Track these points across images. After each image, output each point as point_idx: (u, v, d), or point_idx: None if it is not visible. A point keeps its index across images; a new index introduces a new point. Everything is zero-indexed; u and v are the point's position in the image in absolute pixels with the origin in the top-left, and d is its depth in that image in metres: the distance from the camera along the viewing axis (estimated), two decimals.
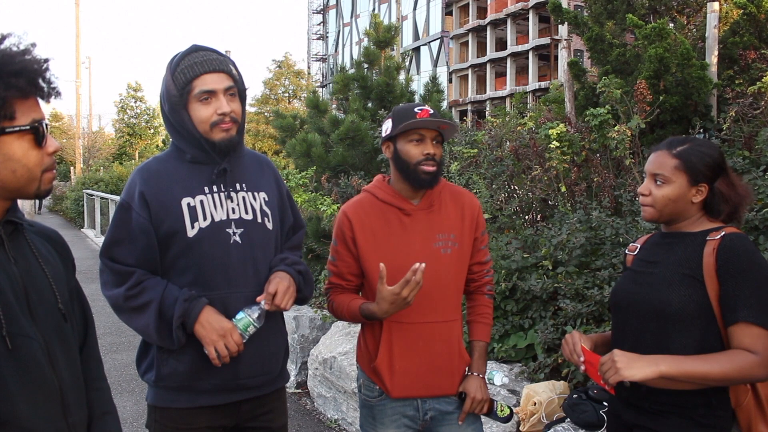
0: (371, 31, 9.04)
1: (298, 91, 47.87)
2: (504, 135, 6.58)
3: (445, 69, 51.85)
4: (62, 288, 1.54)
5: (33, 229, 1.59)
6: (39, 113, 1.44)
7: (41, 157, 1.45)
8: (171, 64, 2.08)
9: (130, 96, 45.20)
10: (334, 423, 4.85)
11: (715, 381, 1.77)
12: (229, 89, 2.07)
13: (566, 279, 4.18)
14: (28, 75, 1.39)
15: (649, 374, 1.74)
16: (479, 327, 2.41)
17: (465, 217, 2.34)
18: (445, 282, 2.27)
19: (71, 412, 1.49)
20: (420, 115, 2.19)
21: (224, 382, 2.09)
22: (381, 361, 2.26)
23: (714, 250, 1.83)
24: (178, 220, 2.04)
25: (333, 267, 2.35)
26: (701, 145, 1.95)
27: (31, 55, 1.42)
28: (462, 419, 2.30)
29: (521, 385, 4.00)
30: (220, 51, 2.13)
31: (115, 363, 6.36)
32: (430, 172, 2.22)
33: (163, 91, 2.10)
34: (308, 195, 7.77)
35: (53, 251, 1.60)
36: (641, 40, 6.02)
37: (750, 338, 1.75)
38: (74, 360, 1.54)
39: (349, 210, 2.32)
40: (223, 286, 2.07)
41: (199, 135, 2.06)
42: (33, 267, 1.48)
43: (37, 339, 1.41)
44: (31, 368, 1.39)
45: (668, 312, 1.86)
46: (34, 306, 1.43)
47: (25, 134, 1.41)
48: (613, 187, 5.16)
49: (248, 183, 2.19)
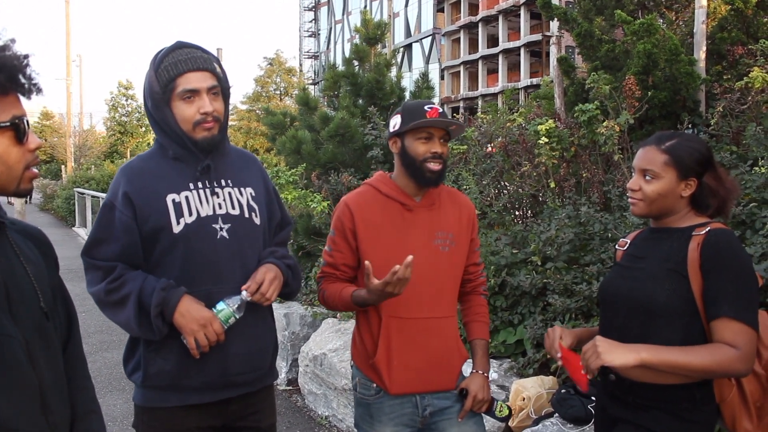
0: (361, 28, 9.02)
1: (290, 88, 47.78)
2: (494, 131, 6.58)
3: (436, 66, 51.86)
4: (44, 286, 1.53)
5: (15, 227, 1.57)
6: (19, 109, 1.43)
7: (22, 153, 1.44)
8: (155, 61, 2.05)
9: (121, 94, 44.93)
10: (325, 420, 4.85)
11: (695, 372, 1.78)
12: (213, 88, 2.06)
13: (555, 274, 4.19)
14: (8, 71, 1.37)
15: (630, 361, 1.75)
16: (478, 326, 2.43)
17: (462, 218, 2.37)
18: (443, 279, 2.29)
19: (52, 411, 1.47)
20: (430, 114, 2.21)
21: (212, 379, 2.08)
22: (380, 358, 2.25)
23: (698, 245, 1.84)
24: (163, 216, 2.03)
25: (329, 257, 2.35)
26: (689, 140, 1.96)
27: (10, 51, 1.40)
28: (462, 417, 2.30)
29: (510, 380, 4.01)
30: (204, 48, 2.11)
31: (105, 361, 6.34)
32: (436, 171, 2.24)
33: (146, 86, 2.09)
34: (298, 192, 7.76)
35: (35, 249, 1.58)
36: (630, 36, 6.04)
37: (731, 333, 1.76)
38: (56, 359, 1.53)
39: (351, 201, 2.32)
40: (210, 281, 2.06)
41: (181, 132, 2.05)
42: (14, 266, 1.46)
43: (17, 338, 1.39)
44: (11, 367, 1.37)
45: (653, 306, 1.87)
46: (15, 305, 1.42)
47: (6, 131, 1.40)
48: (602, 183, 5.18)
49: (234, 179, 2.18)
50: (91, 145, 38.16)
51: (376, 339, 2.27)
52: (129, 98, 45.06)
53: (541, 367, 4.10)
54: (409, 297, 2.19)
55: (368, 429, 2.33)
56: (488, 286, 4.45)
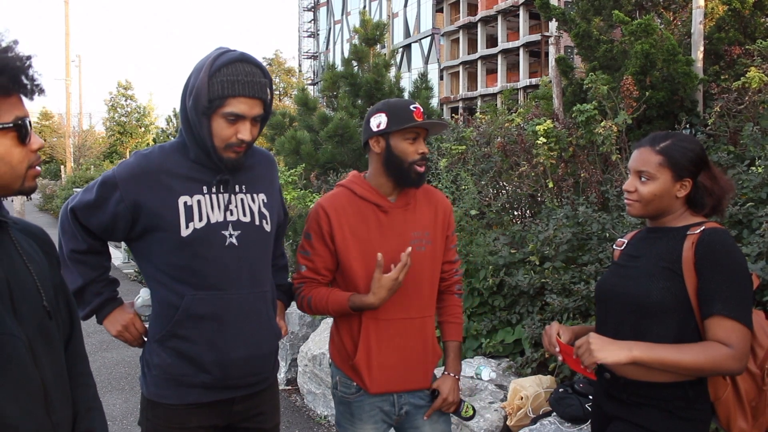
0: (360, 29, 9.04)
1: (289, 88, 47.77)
2: (492, 131, 6.60)
3: (436, 66, 51.86)
4: (47, 285, 1.54)
5: (18, 226, 1.58)
6: (22, 110, 1.44)
7: (25, 153, 1.45)
8: (212, 66, 1.96)
9: (120, 94, 44.88)
10: (324, 419, 4.87)
11: (688, 370, 1.79)
12: (257, 116, 2.03)
13: (553, 274, 4.20)
14: (10, 72, 1.38)
15: (622, 358, 1.76)
16: (452, 327, 2.45)
17: (438, 216, 2.37)
18: (420, 279, 2.30)
19: (55, 409, 1.48)
20: (416, 114, 2.23)
21: (213, 381, 2.08)
22: (360, 359, 2.28)
23: (693, 244, 1.86)
24: (172, 218, 2.02)
25: (307, 261, 2.33)
26: (683, 140, 1.98)
27: (13, 52, 1.41)
28: (428, 415, 2.34)
29: (508, 379, 4.03)
30: (264, 67, 2.04)
31: (104, 361, 6.35)
32: (422, 173, 2.27)
33: (192, 86, 2.00)
34: (297, 192, 7.78)
35: (38, 248, 1.60)
36: (628, 37, 6.06)
37: (724, 331, 1.77)
38: (58, 357, 1.54)
39: (327, 204, 2.31)
40: (216, 286, 2.05)
41: (211, 146, 2.01)
42: (17, 265, 1.48)
43: (20, 337, 1.41)
44: (14, 366, 1.38)
45: (647, 304, 1.89)
46: (18, 304, 1.43)
47: (9, 132, 1.41)
48: (600, 183, 5.19)
49: (248, 184, 2.16)
50: (91, 145, 38.20)
51: (356, 340, 2.29)
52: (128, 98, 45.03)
53: (539, 366, 4.11)
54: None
55: (349, 427, 2.36)
56: (486, 286, 4.49)
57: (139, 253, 2.14)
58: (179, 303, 2.04)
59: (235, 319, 2.07)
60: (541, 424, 3.45)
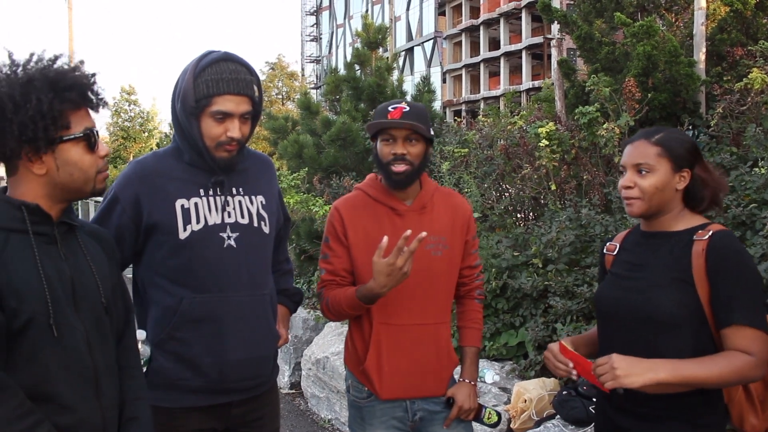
0: (362, 33, 9.06)
1: (292, 92, 47.76)
2: (495, 134, 6.60)
3: (438, 69, 51.87)
4: (106, 284, 1.72)
5: (84, 229, 1.77)
6: (90, 122, 1.64)
7: (94, 160, 1.65)
8: (196, 67, 1.99)
9: (123, 99, 44.88)
10: (328, 423, 4.87)
11: (713, 384, 1.74)
12: (246, 113, 2.03)
13: (556, 277, 4.20)
14: (80, 89, 1.59)
15: (648, 382, 1.69)
16: (470, 332, 2.40)
17: (456, 221, 2.32)
18: (435, 284, 2.26)
19: (104, 394, 1.66)
20: (391, 115, 2.16)
21: (211, 384, 2.07)
22: (370, 363, 2.24)
23: (703, 250, 1.79)
24: (170, 221, 2.03)
25: (327, 264, 2.31)
26: (675, 132, 1.93)
27: (80, 71, 1.63)
28: (447, 425, 2.29)
29: (512, 382, 4.02)
30: (249, 65, 2.05)
31: None
32: (401, 172, 2.19)
33: (179, 89, 2.03)
34: (300, 196, 7.79)
35: (101, 250, 1.78)
36: (630, 38, 6.06)
37: (745, 340, 1.72)
38: (110, 349, 1.72)
39: (341, 206, 2.31)
40: (214, 289, 2.05)
41: (203, 146, 2.03)
42: (81, 264, 1.67)
43: (79, 329, 1.61)
44: (73, 354, 1.58)
45: (659, 318, 1.81)
46: (79, 299, 1.62)
47: (79, 141, 1.61)
48: (603, 185, 5.19)
49: (245, 187, 2.16)
50: None
51: (367, 345, 2.26)
52: (132, 103, 45.11)
53: (543, 369, 4.10)
54: (399, 303, 2.20)
55: (360, 431, 2.33)
56: (489, 289, 4.48)
57: (137, 258, 2.14)
58: (177, 306, 2.04)
59: (234, 321, 2.07)
60: (545, 426, 3.45)
